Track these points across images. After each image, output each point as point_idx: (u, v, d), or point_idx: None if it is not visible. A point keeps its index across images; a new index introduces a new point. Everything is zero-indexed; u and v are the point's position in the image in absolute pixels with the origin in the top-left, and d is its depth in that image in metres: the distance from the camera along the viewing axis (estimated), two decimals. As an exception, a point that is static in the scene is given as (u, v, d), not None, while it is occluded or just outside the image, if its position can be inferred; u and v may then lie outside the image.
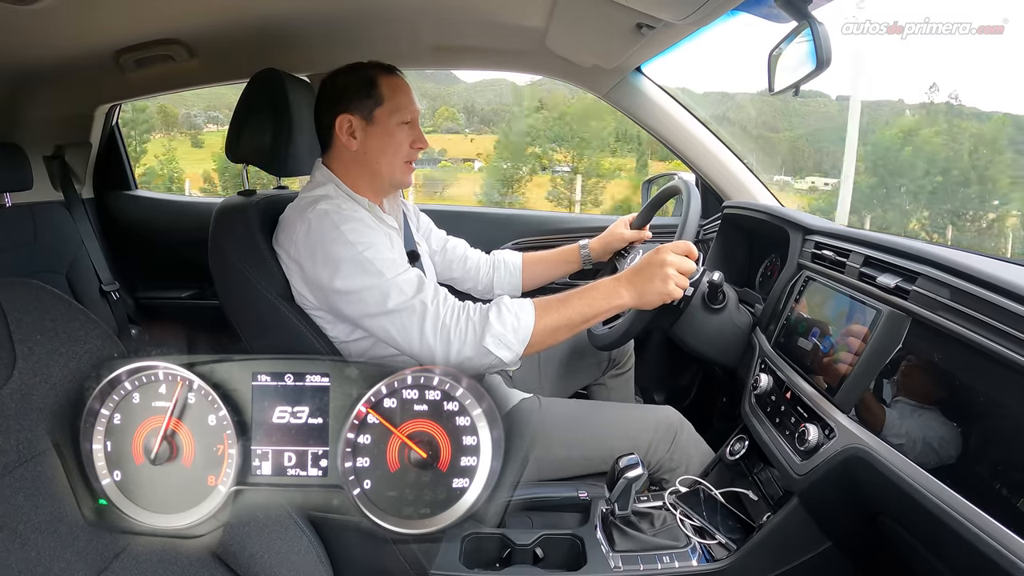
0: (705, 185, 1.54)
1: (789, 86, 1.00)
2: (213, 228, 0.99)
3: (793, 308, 0.99)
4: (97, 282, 1.75)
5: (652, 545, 0.89)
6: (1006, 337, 0.56)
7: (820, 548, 0.86)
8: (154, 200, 1.92)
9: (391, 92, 0.98)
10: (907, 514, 0.65)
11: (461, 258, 1.30)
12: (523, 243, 1.69)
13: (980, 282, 0.62)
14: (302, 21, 1.25)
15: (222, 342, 0.64)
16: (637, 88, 1.49)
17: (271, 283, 0.95)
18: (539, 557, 0.92)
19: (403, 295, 0.88)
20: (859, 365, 0.76)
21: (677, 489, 1.00)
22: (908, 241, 0.80)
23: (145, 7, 1.09)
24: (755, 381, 0.97)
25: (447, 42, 1.44)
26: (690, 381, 1.66)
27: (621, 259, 1.31)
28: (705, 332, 1.09)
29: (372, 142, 0.98)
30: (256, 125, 1.04)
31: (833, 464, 0.75)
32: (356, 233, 0.90)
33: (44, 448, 0.59)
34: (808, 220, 1.09)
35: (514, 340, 0.88)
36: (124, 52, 1.27)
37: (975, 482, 0.57)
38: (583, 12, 1.08)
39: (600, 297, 0.92)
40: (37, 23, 1.00)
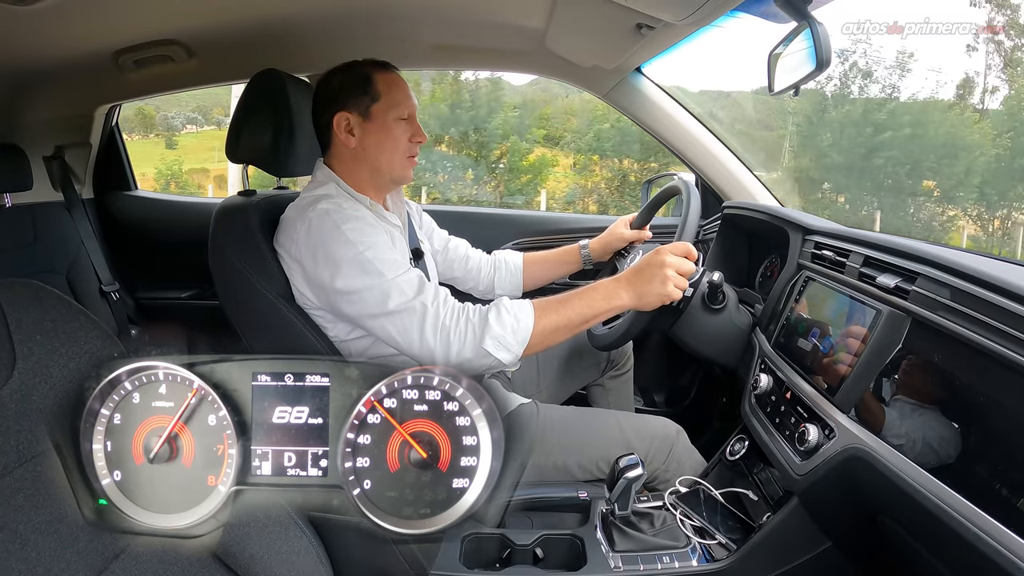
0: (705, 185, 1.54)
1: (789, 86, 1.00)
2: (213, 228, 0.99)
3: (793, 308, 0.99)
4: (97, 282, 1.75)
5: (652, 545, 0.89)
6: (1006, 337, 0.56)
7: (820, 548, 0.86)
8: (154, 200, 1.92)
9: (387, 88, 0.98)
10: (907, 514, 0.65)
11: (463, 258, 1.30)
12: (523, 243, 1.69)
13: (980, 282, 0.62)
14: (302, 21, 1.25)
15: (222, 342, 0.64)
16: (637, 88, 1.49)
17: (271, 283, 0.95)
18: (539, 557, 0.92)
19: (404, 296, 0.88)
20: (859, 365, 0.76)
21: (677, 489, 1.00)
22: (908, 241, 0.80)
23: (144, 8, 1.09)
24: (755, 381, 0.97)
25: (447, 42, 1.44)
26: (690, 381, 1.66)
27: (621, 259, 1.31)
28: (705, 332, 1.09)
29: (370, 138, 0.98)
30: (256, 125, 1.04)
31: (833, 464, 0.75)
32: (357, 232, 0.90)
33: (44, 448, 0.59)
34: (808, 220, 1.09)
35: (513, 341, 0.88)
36: (123, 53, 1.27)
37: (975, 482, 0.57)
38: (583, 12, 1.08)
39: (600, 298, 0.92)
40: (37, 23, 1.00)
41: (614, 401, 1.40)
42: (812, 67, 0.88)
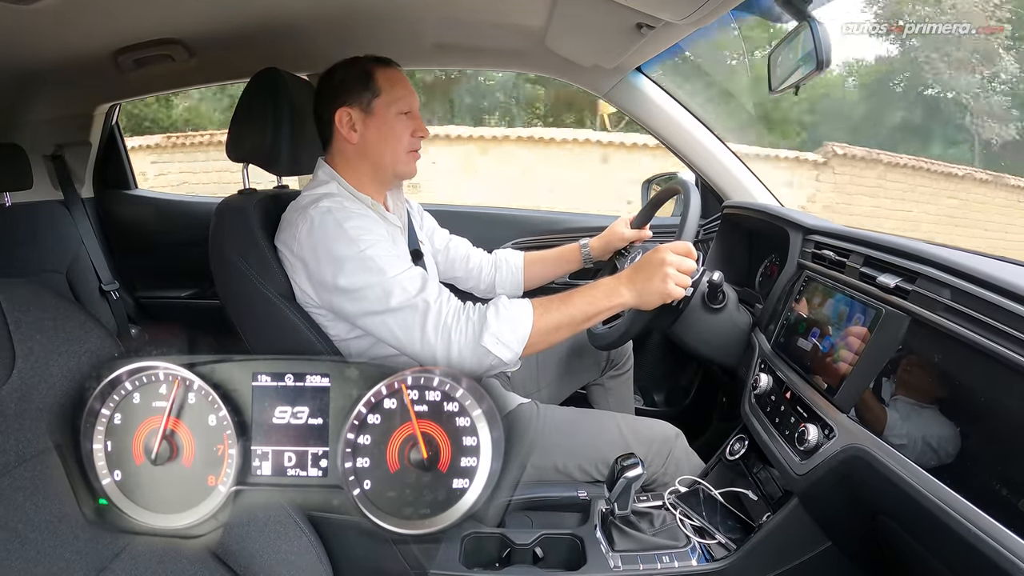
0: (705, 185, 1.54)
1: (789, 86, 1.00)
2: (213, 227, 0.99)
3: (793, 308, 0.99)
4: (97, 282, 1.75)
5: (652, 545, 0.89)
6: (1006, 337, 0.56)
7: (820, 548, 0.86)
8: (154, 200, 1.92)
9: (388, 83, 0.98)
10: (907, 514, 0.65)
11: (463, 257, 1.30)
12: (524, 243, 1.69)
13: (980, 282, 0.62)
14: (302, 20, 1.25)
15: (222, 342, 0.64)
16: (637, 88, 1.49)
17: (271, 281, 0.94)
18: (539, 557, 0.92)
19: (406, 293, 0.88)
20: (859, 365, 0.76)
21: (677, 489, 1.00)
22: (908, 241, 0.80)
23: (144, 7, 1.09)
24: (755, 381, 0.97)
25: (447, 41, 1.44)
26: (690, 381, 1.66)
27: (621, 258, 1.31)
28: (705, 332, 1.09)
29: (372, 134, 0.98)
30: (256, 125, 1.04)
31: (833, 464, 0.75)
32: (359, 230, 0.90)
33: (44, 448, 0.59)
34: (808, 220, 1.09)
35: (512, 339, 0.87)
36: (123, 52, 1.27)
37: (975, 482, 0.57)
38: (583, 12, 1.08)
39: (600, 296, 0.92)
40: (37, 23, 1.00)
41: (614, 401, 1.40)
42: (812, 67, 0.88)
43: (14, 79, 1.33)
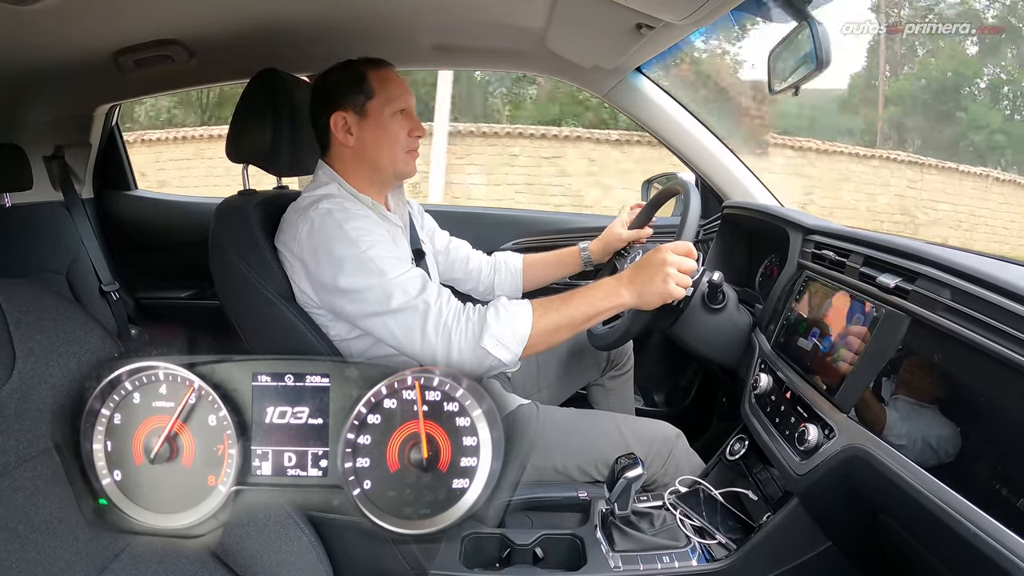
0: (705, 185, 1.54)
1: (788, 86, 1.00)
2: (213, 227, 0.99)
3: (793, 308, 0.99)
4: (97, 282, 1.75)
5: (652, 545, 0.89)
6: (1006, 337, 0.56)
7: (820, 548, 0.86)
8: (154, 200, 1.92)
9: (381, 85, 0.98)
10: (907, 514, 0.65)
11: (463, 259, 1.30)
12: (523, 244, 1.69)
13: (980, 282, 0.62)
14: (302, 21, 1.24)
15: (222, 342, 0.64)
16: (637, 88, 1.49)
17: (272, 282, 0.94)
18: (539, 557, 0.92)
19: (407, 294, 0.88)
20: (859, 365, 0.76)
21: (677, 489, 1.00)
22: (908, 241, 0.80)
23: (144, 8, 1.09)
24: (755, 381, 0.97)
25: (447, 41, 1.44)
26: (690, 381, 1.66)
27: (621, 259, 1.31)
28: (705, 332, 1.09)
29: (368, 136, 0.98)
30: (256, 125, 1.04)
31: (833, 464, 0.75)
32: (359, 231, 0.90)
33: (44, 448, 0.59)
34: (808, 220, 1.09)
35: (512, 340, 0.87)
36: (123, 53, 1.27)
37: (975, 482, 0.57)
38: (583, 12, 1.08)
39: (600, 296, 0.92)
40: (37, 23, 1.00)
41: (614, 401, 1.39)
42: (812, 67, 0.88)
43: (14, 80, 1.33)
